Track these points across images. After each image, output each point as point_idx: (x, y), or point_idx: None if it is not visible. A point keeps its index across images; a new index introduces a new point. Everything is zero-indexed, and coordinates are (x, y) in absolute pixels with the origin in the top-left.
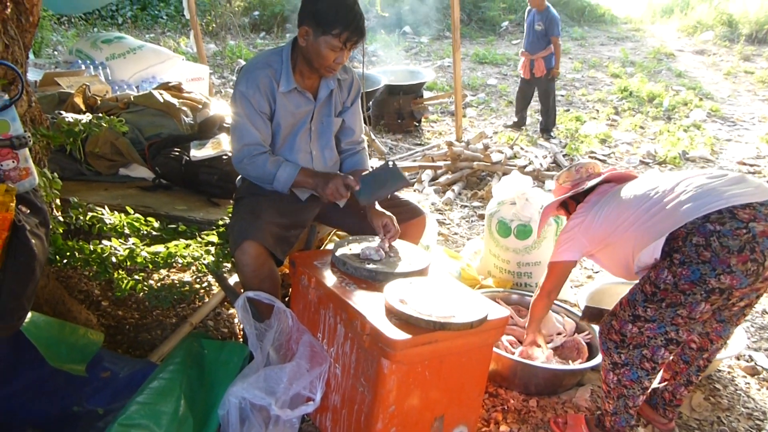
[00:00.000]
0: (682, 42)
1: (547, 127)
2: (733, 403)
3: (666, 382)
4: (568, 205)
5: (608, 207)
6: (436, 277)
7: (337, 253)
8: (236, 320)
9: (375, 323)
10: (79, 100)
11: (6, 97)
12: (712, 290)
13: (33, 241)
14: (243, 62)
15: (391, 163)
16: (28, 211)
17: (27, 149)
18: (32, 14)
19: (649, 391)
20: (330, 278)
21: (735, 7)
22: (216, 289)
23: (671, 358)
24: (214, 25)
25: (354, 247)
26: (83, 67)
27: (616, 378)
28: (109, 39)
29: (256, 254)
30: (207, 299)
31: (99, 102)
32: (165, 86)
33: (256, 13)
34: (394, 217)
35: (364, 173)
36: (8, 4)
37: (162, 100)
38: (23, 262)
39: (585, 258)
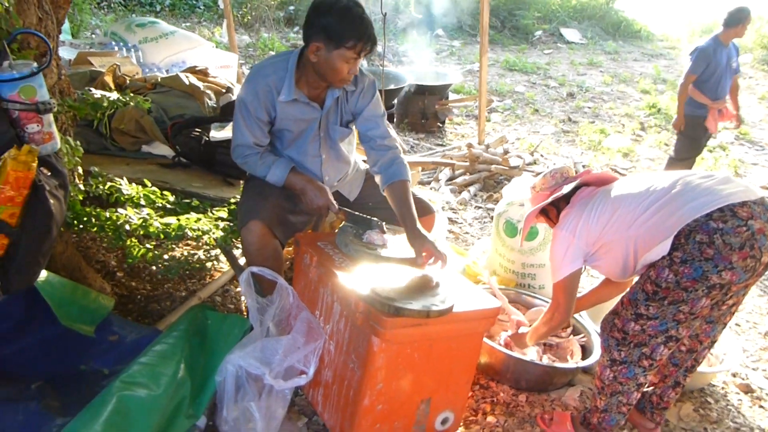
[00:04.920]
0: None
1: None
2: (722, 417)
3: (654, 386)
4: (548, 211)
5: (601, 207)
6: (428, 269)
7: (342, 236)
8: (243, 298)
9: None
10: (108, 79)
11: (35, 64)
12: (713, 286)
13: (51, 201)
14: (274, 54)
15: (380, 222)
16: (49, 173)
17: (51, 115)
18: None
19: (642, 389)
20: (331, 258)
21: None
22: (226, 267)
23: (667, 356)
24: (249, 17)
25: (358, 232)
26: (116, 48)
27: (612, 375)
28: (143, 23)
29: (260, 233)
30: (217, 276)
31: (128, 81)
32: (192, 70)
33: (292, 7)
34: (437, 243)
35: (350, 211)
36: None
37: (187, 83)
38: (41, 221)
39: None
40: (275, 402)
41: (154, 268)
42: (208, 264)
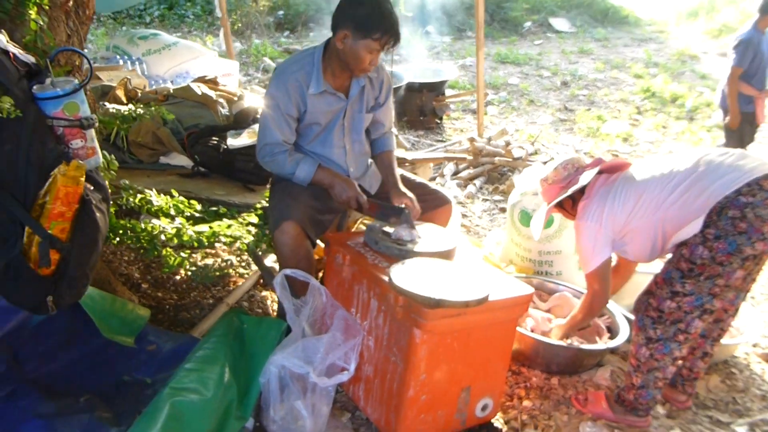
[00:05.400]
0: (707, 44)
1: None
2: (748, 386)
3: (683, 359)
4: (563, 202)
5: (624, 194)
6: (457, 260)
7: (370, 234)
8: (269, 302)
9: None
10: (120, 93)
11: (76, 80)
12: (747, 257)
13: (98, 214)
14: (268, 60)
15: (407, 210)
16: (92, 187)
17: (93, 130)
18: (88, 7)
19: (677, 363)
20: (364, 256)
21: None
22: (248, 273)
23: (700, 329)
24: (239, 24)
25: (386, 229)
26: (121, 62)
27: (648, 352)
28: (145, 36)
29: (294, 234)
30: (240, 282)
31: (139, 94)
32: (201, 80)
33: (281, 12)
34: (415, 198)
35: (379, 202)
36: None
37: (200, 93)
38: (89, 234)
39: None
40: (320, 399)
41: (178, 277)
42: (240, 269)
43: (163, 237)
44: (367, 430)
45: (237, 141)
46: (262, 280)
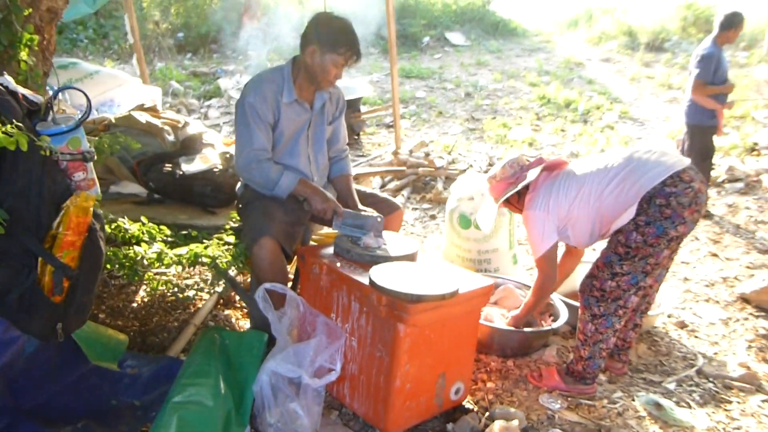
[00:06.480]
0: (590, 52)
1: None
2: (670, 350)
3: (619, 332)
4: (510, 198)
5: (566, 185)
6: (422, 261)
7: (340, 245)
8: (233, 319)
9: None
10: None
11: (76, 117)
12: (671, 239)
13: (101, 242)
14: (175, 84)
15: (379, 218)
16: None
17: (92, 162)
18: (51, 44)
19: (617, 334)
20: (339, 265)
21: (633, 19)
22: (207, 295)
23: (636, 303)
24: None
25: (353, 239)
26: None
27: (594, 327)
28: (64, 65)
29: (271, 249)
30: (201, 304)
31: None
32: (141, 108)
33: (181, 34)
34: (376, 213)
35: (352, 211)
36: (45, 35)
37: (144, 121)
38: (94, 261)
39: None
40: (312, 400)
41: (135, 304)
42: (205, 289)
43: (145, 262)
44: (355, 424)
45: (192, 166)
46: (222, 300)
